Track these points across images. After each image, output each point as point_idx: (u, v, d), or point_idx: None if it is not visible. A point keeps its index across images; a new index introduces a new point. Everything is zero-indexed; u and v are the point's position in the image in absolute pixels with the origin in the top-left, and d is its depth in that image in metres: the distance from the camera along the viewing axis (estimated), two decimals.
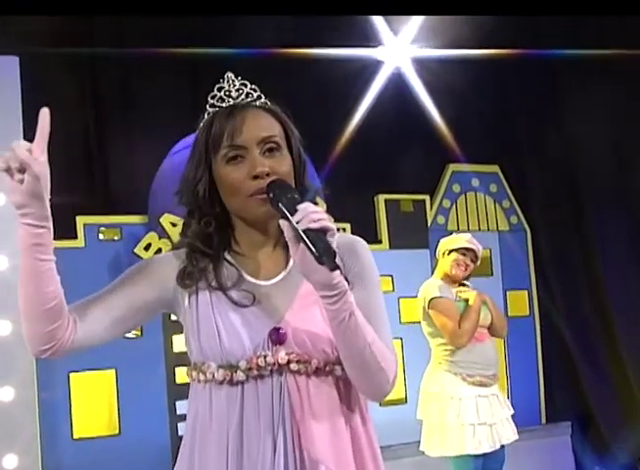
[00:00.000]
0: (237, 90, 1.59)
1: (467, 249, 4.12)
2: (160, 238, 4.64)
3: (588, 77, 5.64)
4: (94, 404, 4.55)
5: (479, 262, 4.21)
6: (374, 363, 1.47)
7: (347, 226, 5.31)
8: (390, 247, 5.56)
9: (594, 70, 5.61)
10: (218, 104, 1.60)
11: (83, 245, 4.62)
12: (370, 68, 5.52)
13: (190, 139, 5.27)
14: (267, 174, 1.50)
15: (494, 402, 3.99)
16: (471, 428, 3.89)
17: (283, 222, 1.39)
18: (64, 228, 4.60)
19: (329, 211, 5.15)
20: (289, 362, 1.48)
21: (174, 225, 4.56)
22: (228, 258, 1.57)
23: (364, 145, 5.50)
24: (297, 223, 1.36)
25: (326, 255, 1.33)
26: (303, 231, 1.35)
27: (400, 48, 5.53)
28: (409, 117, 5.64)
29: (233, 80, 1.61)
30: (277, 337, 1.48)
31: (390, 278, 5.49)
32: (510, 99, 6.13)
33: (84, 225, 4.63)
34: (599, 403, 5.78)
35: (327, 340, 1.49)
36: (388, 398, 5.43)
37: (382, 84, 5.52)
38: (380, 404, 5.31)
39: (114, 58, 4.90)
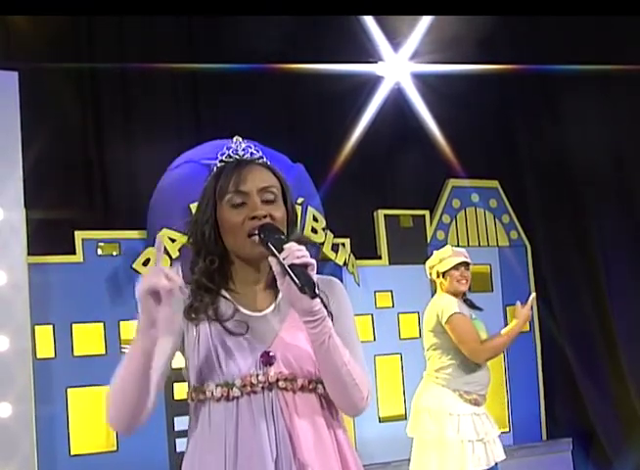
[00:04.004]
0: (243, 149, 1.86)
1: (460, 263, 4.14)
2: None
3: (588, 93, 5.68)
4: (92, 420, 4.55)
5: (471, 264, 4.22)
6: (349, 380, 1.72)
7: (347, 241, 5.33)
8: (390, 262, 5.57)
9: (594, 86, 5.65)
10: (226, 159, 1.86)
11: (82, 260, 4.63)
12: (370, 83, 5.56)
13: (189, 154, 5.30)
14: (264, 216, 1.76)
15: (485, 421, 4.01)
16: (470, 445, 3.90)
17: (271, 259, 1.65)
18: (62, 243, 4.63)
19: (329, 226, 5.22)
20: (277, 380, 1.73)
21: (173, 241, 4.57)
22: (225, 294, 1.82)
23: (364, 160, 5.53)
24: (284, 259, 1.62)
25: (307, 285, 1.60)
26: (289, 266, 1.61)
27: (400, 63, 5.57)
28: (409, 132, 5.68)
29: (240, 142, 1.88)
30: (267, 359, 1.74)
31: (390, 293, 5.51)
32: (510, 114, 6.17)
33: (83, 240, 4.64)
34: (600, 419, 5.78)
35: (311, 361, 1.75)
36: (388, 413, 5.41)
37: (382, 100, 5.56)
38: (379, 420, 5.32)
39: (113, 73, 4.94)
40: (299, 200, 4.97)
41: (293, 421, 1.71)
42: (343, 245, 5.27)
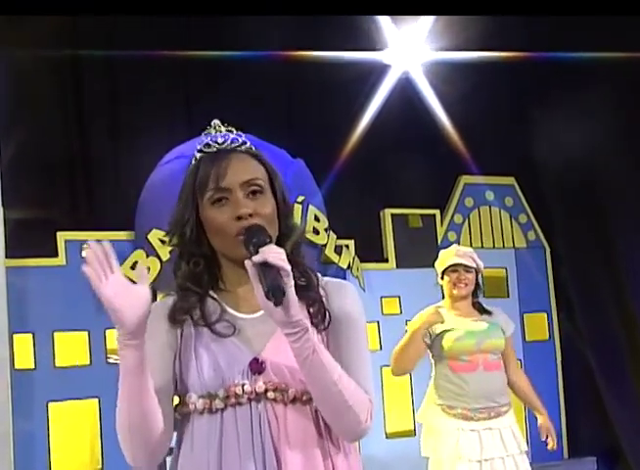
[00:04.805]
0: (223, 136, 1.78)
1: (454, 265, 4.12)
2: (147, 256, 4.64)
3: (612, 82, 5.65)
4: (75, 437, 4.53)
5: (481, 267, 4.18)
6: (341, 401, 1.64)
7: (351, 243, 5.30)
8: (398, 266, 5.55)
9: (618, 76, 5.62)
10: (205, 150, 1.78)
11: (64, 263, 4.61)
12: (376, 72, 5.53)
13: (181, 149, 5.30)
14: (250, 215, 1.68)
15: (489, 437, 3.91)
16: (447, 463, 3.85)
17: (247, 262, 1.58)
18: (43, 245, 4.61)
19: (331, 226, 5.19)
20: (266, 391, 1.66)
21: (163, 242, 4.55)
22: (213, 295, 1.76)
23: (369, 155, 5.50)
24: (256, 259, 1.56)
25: (272, 289, 1.53)
26: (261, 269, 1.55)
27: (408, 51, 5.54)
28: (418, 125, 5.64)
29: (219, 126, 1.80)
30: (256, 367, 1.67)
31: (397, 299, 5.48)
32: (527, 106, 6.13)
33: (65, 242, 4.62)
34: (626, 436, 5.73)
35: None
36: (396, 429, 5.38)
37: (388, 90, 5.53)
38: (386, 436, 5.30)
39: (98, 60, 4.90)
40: (300, 198, 4.95)
41: (281, 438, 1.65)
42: (347, 247, 5.25)
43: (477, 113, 5.75)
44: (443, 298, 4.33)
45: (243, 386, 1.66)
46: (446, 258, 4.16)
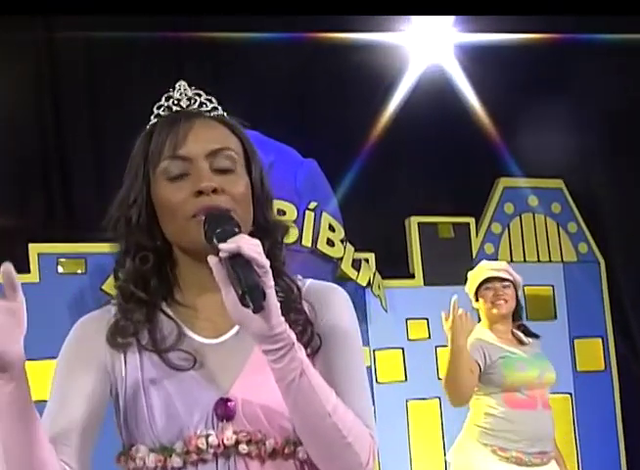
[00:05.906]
0: (188, 99, 1.63)
1: (488, 279, 4.12)
2: None
3: None
4: None
5: (519, 282, 4.17)
6: (337, 438, 1.46)
7: (372, 257, 5.29)
8: (425, 283, 5.53)
9: None
10: (164, 113, 1.62)
11: (37, 280, 4.61)
12: (400, 58, 5.53)
13: None
14: (214, 191, 1.51)
15: None
16: None
17: (211, 259, 1.40)
18: (14, 259, 4.58)
19: (349, 236, 5.17)
20: (237, 443, 1.49)
21: None
22: (167, 310, 1.59)
23: (393, 155, 5.50)
24: (223, 251, 1.38)
25: (250, 290, 1.35)
26: (231, 265, 1.37)
27: (439, 32, 5.53)
28: (449, 119, 5.62)
29: (185, 89, 1.64)
30: (223, 410, 1.50)
31: (425, 322, 5.46)
32: (578, 95, 6.11)
33: (39, 255, 4.62)
34: None
35: (287, 413, 1.50)
36: (423, 469, 5.30)
37: (415, 79, 5.52)
38: None
39: (78, 43, 4.92)
40: (312, 204, 4.95)
41: None
42: (367, 261, 5.23)
43: (518, 105, 5.73)
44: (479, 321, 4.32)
45: (207, 437, 1.49)
46: (477, 274, 4.16)
